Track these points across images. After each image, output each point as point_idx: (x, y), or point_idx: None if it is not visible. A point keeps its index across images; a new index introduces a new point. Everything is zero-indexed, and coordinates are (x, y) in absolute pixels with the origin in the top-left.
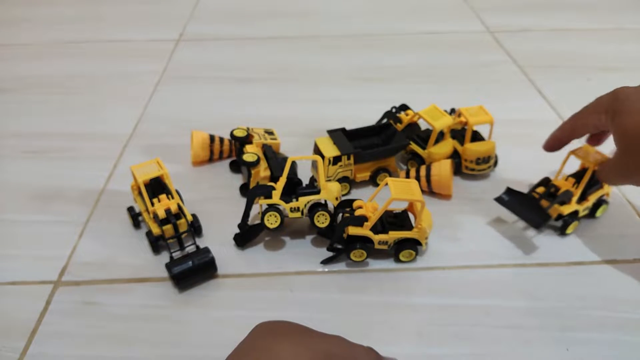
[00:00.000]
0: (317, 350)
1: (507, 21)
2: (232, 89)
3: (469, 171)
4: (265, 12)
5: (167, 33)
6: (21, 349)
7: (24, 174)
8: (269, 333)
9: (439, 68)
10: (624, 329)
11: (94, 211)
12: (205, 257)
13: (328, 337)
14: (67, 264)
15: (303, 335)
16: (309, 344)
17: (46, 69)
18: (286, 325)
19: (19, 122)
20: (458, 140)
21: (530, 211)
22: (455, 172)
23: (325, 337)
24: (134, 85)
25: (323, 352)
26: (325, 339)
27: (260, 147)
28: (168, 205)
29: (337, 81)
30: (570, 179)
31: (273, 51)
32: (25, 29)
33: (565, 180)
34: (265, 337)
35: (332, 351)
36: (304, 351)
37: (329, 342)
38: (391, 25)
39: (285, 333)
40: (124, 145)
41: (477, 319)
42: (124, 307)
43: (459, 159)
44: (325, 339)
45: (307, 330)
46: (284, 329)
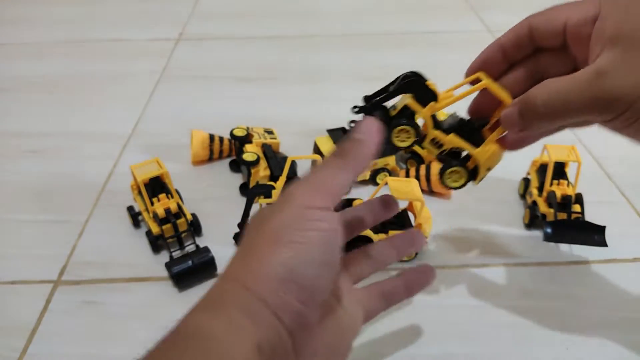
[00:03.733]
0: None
1: (507, 20)
2: (232, 88)
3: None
4: (265, 11)
5: (167, 32)
6: (21, 348)
7: (23, 173)
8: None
9: (438, 67)
10: (624, 329)
11: (93, 210)
12: (205, 256)
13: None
14: (67, 263)
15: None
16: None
17: (46, 69)
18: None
19: (19, 121)
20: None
21: (583, 233)
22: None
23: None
24: (134, 85)
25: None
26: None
27: (260, 147)
28: (168, 204)
29: (337, 80)
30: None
31: (273, 50)
32: (25, 28)
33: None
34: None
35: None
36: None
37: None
38: (391, 25)
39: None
40: (124, 144)
41: (477, 319)
42: (124, 306)
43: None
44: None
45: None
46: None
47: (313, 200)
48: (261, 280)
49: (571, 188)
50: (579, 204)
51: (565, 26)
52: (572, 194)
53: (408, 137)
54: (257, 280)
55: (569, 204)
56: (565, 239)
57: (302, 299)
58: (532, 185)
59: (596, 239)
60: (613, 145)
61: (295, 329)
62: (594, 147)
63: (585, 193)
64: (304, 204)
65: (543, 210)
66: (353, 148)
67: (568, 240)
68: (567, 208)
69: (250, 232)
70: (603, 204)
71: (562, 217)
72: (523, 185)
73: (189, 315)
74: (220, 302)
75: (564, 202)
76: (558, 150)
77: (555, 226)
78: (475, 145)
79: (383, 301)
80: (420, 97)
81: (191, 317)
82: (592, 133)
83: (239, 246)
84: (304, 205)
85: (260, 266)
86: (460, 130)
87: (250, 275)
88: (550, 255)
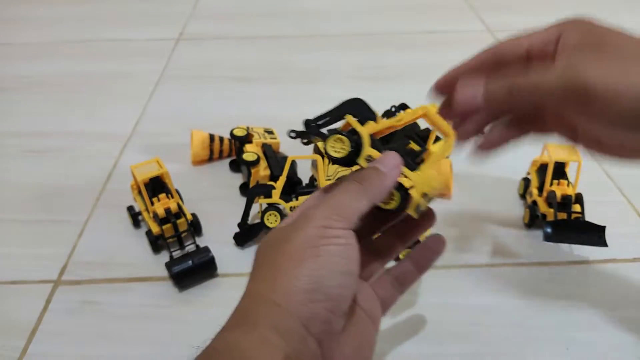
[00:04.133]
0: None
1: (508, 20)
2: (232, 88)
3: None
4: (265, 11)
5: (167, 32)
6: (21, 348)
7: (24, 173)
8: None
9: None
10: (624, 329)
11: (93, 210)
12: (205, 256)
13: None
14: (67, 263)
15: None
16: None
17: (46, 68)
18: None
19: (19, 121)
20: (417, 142)
21: (583, 233)
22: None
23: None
24: (134, 85)
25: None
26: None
27: (260, 147)
28: (168, 204)
29: (336, 80)
30: (562, 180)
31: (273, 50)
32: (25, 28)
33: (558, 184)
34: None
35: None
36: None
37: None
38: (391, 25)
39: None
40: (124, 144)
41: (477, 318)
42: (124, 306)
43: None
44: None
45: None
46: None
47: (330, 222)
48: (289, 293)
49: (571, 188)
50: (579, 204)
51: (530, 47)
52: (572, 193)
53: (342, 148)
54: (285, 294)
55: (569, 204)
56: (565, 239)
57: (330, 307)
58: (532, 185)
59: (596, 239)
60: None
61: (324, 338)
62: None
63: (586, 193)
64: (322, 225)
65: (543, 210)
66: (373, 178)
67: (568, 240)
68: (567, 208)
69: (265, 252)
70: (603, 203)
71: (562, 217)
72: (523, 185)
73: (221, 334)
74: (251, 319)
75: (564, 202)
76: (558, 150)
77: (555, 226)
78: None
79: (397, 287)
80: (360, 117)
81: (224, 335)
82: None
83: (255, 267)
84: (321, 225)
85: (286, 280)
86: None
87: (278, 290)
88: (550, 255)
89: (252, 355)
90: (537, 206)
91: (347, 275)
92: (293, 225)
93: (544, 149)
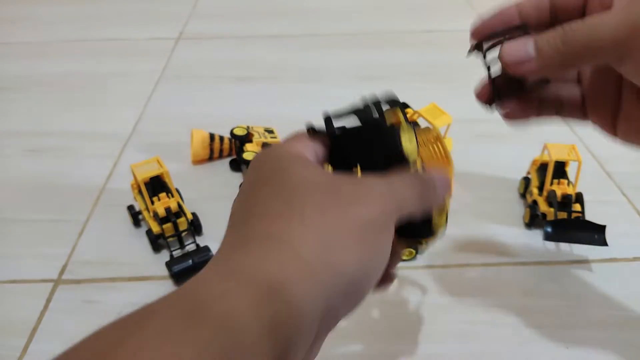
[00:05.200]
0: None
1: None
2: (232, 87)
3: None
4: (265, 10)
5: (167, 31)
6: (21, 347)
7: (24, 172)
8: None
9: (439, 66)
10: (624, 329)
11: (94, 210)
12: (206, 255)
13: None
14: (67, 262)
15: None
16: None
17: (46, 68)
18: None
19: (19, 120)
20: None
21: (583, 232)
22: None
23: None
24: (134, 84)
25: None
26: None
27: (261, 146)
28: (168, 203)
29: (337, 80)
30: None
31: (273, 50)
32: (25, 28)
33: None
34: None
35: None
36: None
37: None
38: (391, 24)
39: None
40: (124, 143)
41: (477, 318)
42: (124, 305)
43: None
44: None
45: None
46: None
47: (394, 213)
48: (329, 273)
49: (571, 187)
50: (579, 203)
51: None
52: (573, 193)
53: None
54: (325, 269)
55: (569, 203)
56: (566, 239)
57: (351, 309)
58: (533, 185)
59: (596, 239)
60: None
61: (323, 333)
62: (594, 146)
63: (586, 192)
64: (387, 211)
65: (543, 209)
66: (431, 188)
67: (568, 240)
68: (568, 207)
69: (313, 194)
70: (603, 203)
71: (563, 217)
72: (523, 185)
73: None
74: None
75: (564, 202)
76: (558, 149)
77: (556, 225)
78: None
79: None
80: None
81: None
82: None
83: (286, 196)
84: (386, 212)
85: (334, 257)
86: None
87: (318, 260)
88: (550, 254)
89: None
90: (537, 205)
91: (376, 281)
92: (353, 187)
93: (544, 148)
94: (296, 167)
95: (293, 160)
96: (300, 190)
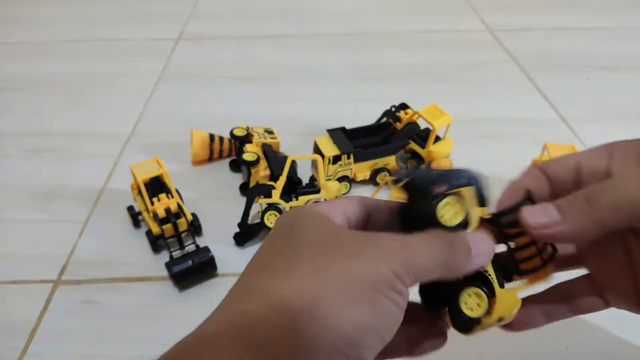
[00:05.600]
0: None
1: (507, 20)
2: (232, 88)
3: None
4: (265, 10)
5: (167, 32)
6: (21, 347)
7: (24, 172)
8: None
9: (438, 67)
10: (624, 329)
11: (94, 210)
12: (205, 256)
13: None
14: (67, 262)
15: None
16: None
17: (46, 68)
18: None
19: (19, 120)
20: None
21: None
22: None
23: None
24: (134, 84)
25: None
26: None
27: (260, 146)
28: (168, 204)
29: (336, 80)
30: None
31: (273, 50)
32: (25, 28)
33: None
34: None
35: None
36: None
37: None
38: (391, 24)
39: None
40: (124, 144)
41: None
42: (124, 306)
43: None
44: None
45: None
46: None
47: (403, 273)
48: (323, 330)
49: None
50: None
51: (578, 165)
52: None
53: (479, 305)
54: (321, 327)
55: None
56: None
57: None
58: None
59: None
60: None
61: None
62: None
63: None
64: (395, 271)
65: None
66: (461, 252)
67: None
68: None
69: (306, 249)
70: None
71: None
72: None
73: (197, 335)
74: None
75: None
76: (558, 150)
77: None
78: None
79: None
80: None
81: (195, 339)
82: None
83: (282, 254)
84: (394, 271)
85: (327, 312)
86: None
87: (315, 319)
88: None
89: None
90: None
91: (384, 341)
92: (358, 242)
93: (543, 148)
94: (310, 224)
95: (309, 219)
96: (305, 247)
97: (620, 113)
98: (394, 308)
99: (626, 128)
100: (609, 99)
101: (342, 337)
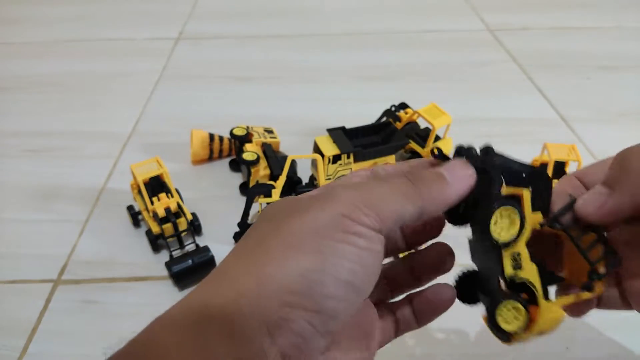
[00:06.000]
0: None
1: (507, 19)
2: (232, 87)
3: None
4: (265, 10)
5: (167, 31)
6: (21, 347)
7: (23, 172)
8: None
9: (438, 66)
10: (624, 329)
11: (93, 210)
12: (205, 255)
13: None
14: (67, 262)
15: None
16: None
17: (46, 68)
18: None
19: (19, 120)
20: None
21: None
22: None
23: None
24: (134, 84)
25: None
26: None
27: (260, 146)
28: (168, 204)
29: (336, 80)
30: None
31: (273, 49)
32: (25, 28)
33: None
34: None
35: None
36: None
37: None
38: (391, 24)
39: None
40: (124, 143)
41: (476, 318)
42: (124, 305)
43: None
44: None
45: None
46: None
47: (357, 213)
48: (265, 288)
49: None
50: None
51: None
52: None
53: (516, 318)
54: (260, 286)
55: None
56: None
57: (313, 320)
58: None
59: None
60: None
61: (292, 354)
62: (594, 145)
63: None
64: (344, 213)
65: None
66: (432, 182)
67: None
68: None
69: (262, 225)
70: None
71: None
72: None
73: (158, 319)
74: (197, 312)
75: None
76: (558, 149)
77: None
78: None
79: (393, 329)
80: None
81: (156, 322)
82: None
83: (242, 239)
84: (343, 213)
85: (268, 271)
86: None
87: (253, 280)
88: None
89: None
90: None
91: (351, 288)
92: (309, 199)
93: (543, 148)
94: (290, 208)
95: (292, 203)
96: (273, 224)
97: (620, 113)
98: (352, 249)
99: (626, 128)
100: (609, 99)
101: (287, 290)
